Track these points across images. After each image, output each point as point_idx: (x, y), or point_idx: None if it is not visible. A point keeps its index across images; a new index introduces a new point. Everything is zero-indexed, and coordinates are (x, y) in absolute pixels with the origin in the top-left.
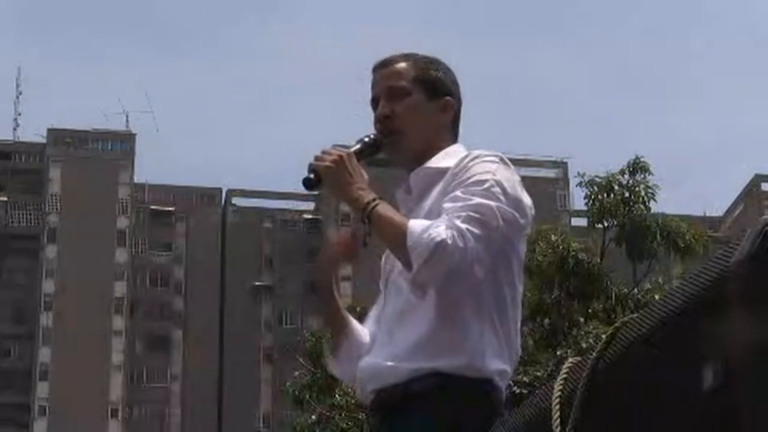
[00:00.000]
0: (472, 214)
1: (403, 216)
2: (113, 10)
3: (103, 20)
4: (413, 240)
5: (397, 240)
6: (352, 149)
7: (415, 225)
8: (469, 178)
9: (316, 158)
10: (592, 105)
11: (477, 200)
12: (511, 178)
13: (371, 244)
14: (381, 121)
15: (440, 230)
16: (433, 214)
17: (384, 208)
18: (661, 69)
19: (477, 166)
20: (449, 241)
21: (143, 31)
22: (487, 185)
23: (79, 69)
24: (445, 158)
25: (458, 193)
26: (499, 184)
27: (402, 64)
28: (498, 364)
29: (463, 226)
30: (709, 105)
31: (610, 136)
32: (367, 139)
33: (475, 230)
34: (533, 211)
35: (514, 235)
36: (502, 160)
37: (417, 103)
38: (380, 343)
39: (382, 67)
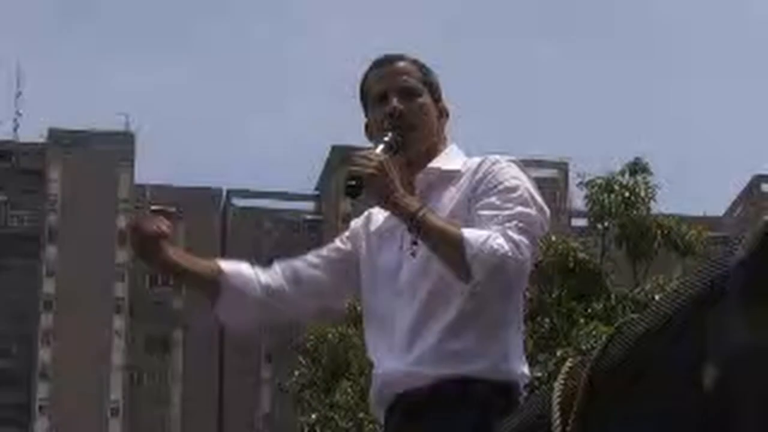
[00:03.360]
0: (520, 224)
1: (452, 223)
2: (113, 10)
3: (103, 20)
4: (474, 251)
5: (453, 250)
6: (379, 151)
7: (473, 235)
8: (499, 183)
9: (356, 164)
10: (592, 104)
11: (519, 209)
12: (533, 184)
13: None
14: (394, 116)
15: (500, 242)
16: (456, 215)
17: (433, 216)
18: (662, 67)
19: (503, 172)
20: (510, 254)
21: (143, 30)
22: (519, 192)
23: (79, 69)
24: (449, 160)
25: (494, 200)
26: (527, 190)
27: (408, 65)
28: (521, 367)
29: (517, 237)
30: (709, 105)
31: (610, 136)
32: (387, 140)
33: (526, 240)
34: (548, 214)
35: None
36: (518, 164)
37: (426, 105)
38: (400, 346)
39: (389, 64)
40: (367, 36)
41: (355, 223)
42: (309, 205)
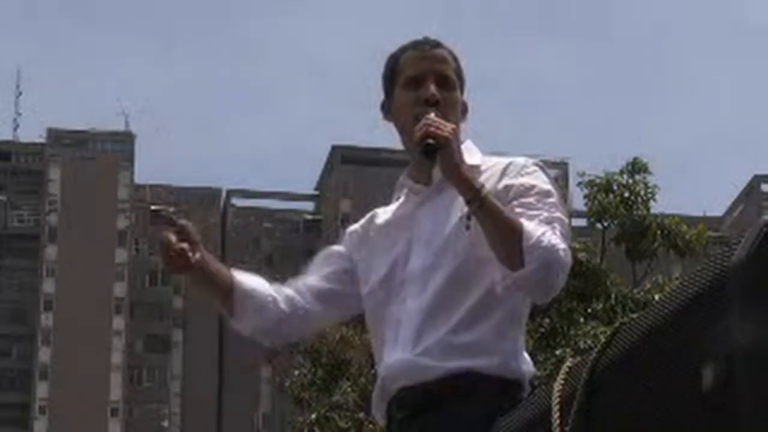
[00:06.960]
0: (562, 229)
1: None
2: (113, 10)
3: (103, 20)
4: (532, 241)
5: (511, 235)
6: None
7: (531, 226)
8: (534, 186)
9: (431, 126)
10: (592, 104)
11: (558, 215)
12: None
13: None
14: (430, 102)
15: (557, 240)
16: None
17: (493, 198)
18: (662, 68)
19: (536, 175)
20: (562, 253)
21: (143, 30)
22: (554, 199)
23: (79, 69)
24: (468, 155)
25: (532, 200)
26: (556, 196)
27: (447, 54)
28: (528, 367)
29: (562, 238)
30: (709, 105)
31: (610, 136)
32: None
33: (566, 247)
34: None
35: None
36: (543, 168)
37: (458, 99)
38: (408, 337)
39: (430, 48)
40: (367, 36)
41: (354, 227)
42: (309, 205)
